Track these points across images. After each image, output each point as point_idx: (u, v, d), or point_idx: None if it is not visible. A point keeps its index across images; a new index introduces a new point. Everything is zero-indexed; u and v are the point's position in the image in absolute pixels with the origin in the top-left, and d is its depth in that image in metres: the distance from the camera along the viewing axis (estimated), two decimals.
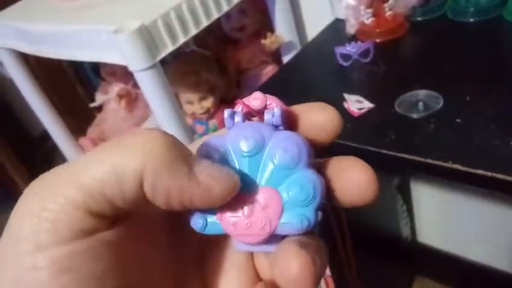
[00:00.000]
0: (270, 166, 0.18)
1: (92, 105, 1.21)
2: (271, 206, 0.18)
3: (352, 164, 0.19)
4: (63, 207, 0.16)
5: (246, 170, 0.19)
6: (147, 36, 0.68)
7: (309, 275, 0.17)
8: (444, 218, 1.13)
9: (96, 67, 1.25)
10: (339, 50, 0.75)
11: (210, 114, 1.00)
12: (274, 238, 0.19)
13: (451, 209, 1.09)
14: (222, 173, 0.18)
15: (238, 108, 0.20)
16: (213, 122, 1.02)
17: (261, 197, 0.18)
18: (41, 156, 1.98)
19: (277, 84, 0.78)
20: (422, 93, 0.62)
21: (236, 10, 0.96)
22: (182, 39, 0.74)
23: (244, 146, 0.19)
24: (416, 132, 0.58)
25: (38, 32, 0.84)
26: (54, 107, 1.15)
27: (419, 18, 0.79)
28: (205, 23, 0.77)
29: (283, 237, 0.19)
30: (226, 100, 1.05)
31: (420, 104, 0.60)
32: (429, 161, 0.52)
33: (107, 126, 1.19)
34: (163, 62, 0.75)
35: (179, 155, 0.17)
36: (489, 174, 0.48)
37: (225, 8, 0.80)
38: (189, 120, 1.02)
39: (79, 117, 1.29)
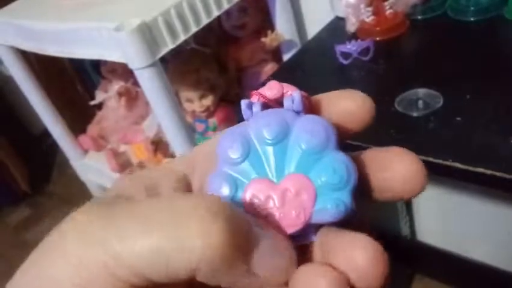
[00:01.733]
0: (298, 152, 0.17)
1: (92, 103, 1.21)
2: (304, 193, 0.17)
3: (398, 155, 0.18)
4: (96, 278, 0.14)
5: (271, 158, 0.18)
6: (147, 34, 0.68)
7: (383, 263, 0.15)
8: (443, 217, 1.13)
9: (96, 65, 1.25)
10: (340, 48, 0.75)
11: (209, 112, 1.00)
12: (309, 228, 0.17)
13: (451, 207, 1.09)
14: (281, 262, 0.16)
15: (255, 99, 0.19)
16: (212, 121, 1.02)
17: (291, 184, 0.17)
18: (41, 154, 1.98)
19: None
20: (422, 91, 0.62)
21: (236, 8, 0.95)
22: (182, 37, 0.74)
23: (268, 134, 0.18)
24: (416, 131, 0.58)
25: (38, 29, 0.84)
26: (54, 104, 1.15)
27: (420, 17, 0.79)
28: (205, 20, 0.77)
29: (318, 227, 0.18)
30: (226, 98, 1.05)
31: (420, 103, 0.60)
32: (429, 159, 0.52)
33: (107, 124, 1.19)
34: (163, 60, 0.75)
35: (240, 247, 0.14)
36: (488, 172, 0.49)
37: (225, 6, 0.80)
38: (189, 119, 1.02)
39: (79, 115, 1.29)
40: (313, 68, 0.81)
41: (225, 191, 0.17)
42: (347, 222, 0.17)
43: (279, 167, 0.18)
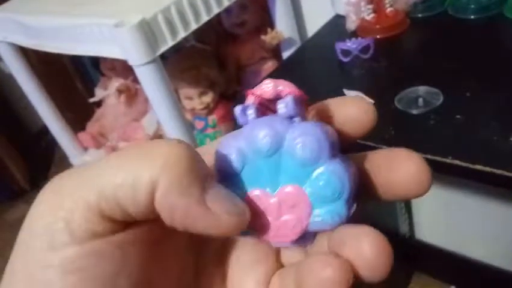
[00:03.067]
0: (291, 164, 0.18)
1: (92, 100, 1.21)
2: (299, 205, 0.18)
3: (404, 156, 0.18)
4: (79, 208, 0.16)
5: (266, 171, 0.18)
6: (148, 30, 0.68)
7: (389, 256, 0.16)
8: (443, 215, 1.13)
9: (96, 62, 1.24)
10: (340, 45, 0.75)
11: (209, 109, 1.00)
12: (306, 236, 0.18)
13: (450, 206, 1.09)
14: (234, 208, 0.17)
15: (250, 99, 0.19)
16: (212, 118, 1.02)
17: (286, 196, 0.18)
18: (40, 151, 1.98)
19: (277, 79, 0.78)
20: (422, 89, 0.62)
21: (236, 5, 0.95)
22: (182, 34, 0.74)
23: (261, 147, 0.18)
24: (416, 128, 0.58)
25: (38, 25, 0.84)
26: (54, 101, 1.15)
27: (420, 15, 0.79)
28: (205, 18, 0.77)
29: (315, 233, 0.18)
30: (226, 96, 1.05)
31: (420, 100, 0.60)
32: (429, 156, 0.52)
33: (106, 121, 1.19)
34: (163, 57, 0.75)
35: (197, 174, 0.16)
36: (488, 169, 0.49)
37: (226, 3, 0.80)
38: (188, 116, 1.02)
39: (78, 112, 1.29)
40: (314, 66, 0.81)
41: None
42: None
43: (273, 179, 0.18)
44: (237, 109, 0.19)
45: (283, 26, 0.95)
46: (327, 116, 0.20)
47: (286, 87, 0.19)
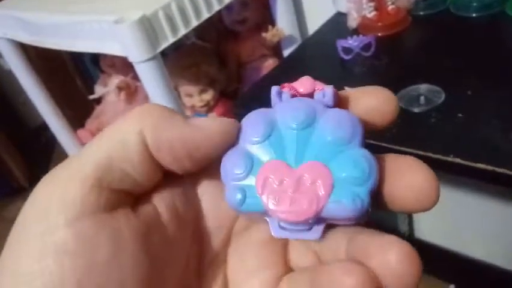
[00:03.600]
0: (321, 141, 0.17)
1: (92, 97, 1.21)
2: (320, 182, 0.16)
3: (411, 165, 0.17)
4: (74, 183, 0.16)
5: (294, 143, 0.17)
6: (148, 27, 0.68)
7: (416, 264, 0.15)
8: (443, 214, 1.13)
9: (95, 59, 1.24)
10: (341, 43, 0.74)
11: (209, 107, 1.00)
12: (318, 222, 0.17)
13: (450, 205, 1.09)
14: (217, 117, 0.18)
15: (285, 91, 0.19)
16: (212, 115, 1.01)
17: (308, 172, 0.16)
18: (39, 148, 1.97)
19: (278, 77, 0.78)
20: (423, 87, 0.62)
21: (237, 2, 0.95)
22: (183, 31, 0.73)
23: (294, 118, 0.17)
24: (417, 126, 0.58)
25: (38, 22, 0.84)
26: (53, 98, 1.14)
27: (422, 13, 0.79)
28: (206, 14, 0.77)
29: (327, 225, 0.17)
30: (226, 93, 1.04)
31: (422, 98, 0.60)
32: (430, 154, 0.52)
33: (106, 118, 1.19)
34: (163, 54, 0.74)
35: (175, 111, 0.18)
36: (490, 168, 0.48)
37: (226, 0, 0.80)
38: (188, 113, 1.01)
39: (78, 109, 1.29)
40: (315, 64, 0.81)
41: (239, 167, 0.17)
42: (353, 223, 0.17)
43: (299, 152, 0.17)
44: (273, 89, 0.19)
45: (284, 23, 0.94)
46: (347, 106, 0.19)
47: (323, 85, 0.19)
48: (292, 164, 0.17)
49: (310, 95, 0.19)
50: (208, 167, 0.19)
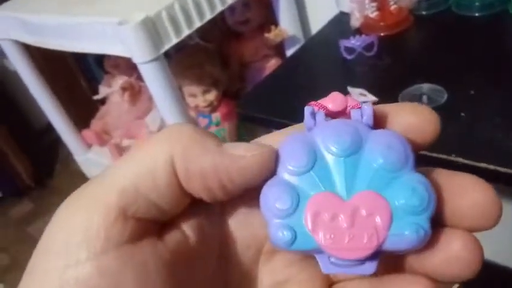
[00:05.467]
0: (372, 167, 0.15)
1: (96, 97, 1.21)
2: (378, 214, 0.15)
3: (472, 183, 0.16)
4: (98, 212, 0.14)
5: (341, 172, 0.15)
6: (151, 28, 0.68)
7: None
8: None
9: (99, 60, 1.25)
10: (344, 43, 0.75)
11: (213, 107, 1.00)
12: (376, 256, 0.15)
13: None
14: (254, 146, 0.16)
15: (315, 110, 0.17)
16: (215, 115, 1.02)
17: (363, 203, 0.15)
18: (45, 148, 1.98)
19: (281, 77, 0.78)
20: (426, 86, 0.62)
21: (240, 3, 0.95)
22: (186, 32, 0.74)
23: (339, 144, 0.15)
24: None
25: (42, 23, 0.84)
26: (58, 99, 1.15)
27: (424, 12, 0.79)
28: (209, 15, 0.77)
29: (384, 256, 0.15)
30: (229, 93, 1.05)
31: (424, 98, 0.60)
32: (433, 154, 0.52)
33: (110, 118, 1.19)
34: (167, 55, 0.75)
35: (206, 133, 0.16)
36: (492, 167, 0.48)
37: (229, 1, 0.80)
38: (192, 113, 1.02)
39: (82, 109, 1.30)
40: (317, 63, 0.81)
41: (284, 202, 0.15)
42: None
43: (349, 182, 0.15)
44: (307, 110, 0.17)
45: (286, 23, 0.95)
46: (381, 123, 0.17)
47: (355, 102, 0.17)
48: (343, 195, 0.15)
49: (342, 113, 0.17)
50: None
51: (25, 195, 1.91)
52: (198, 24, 0.75)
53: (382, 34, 0.76)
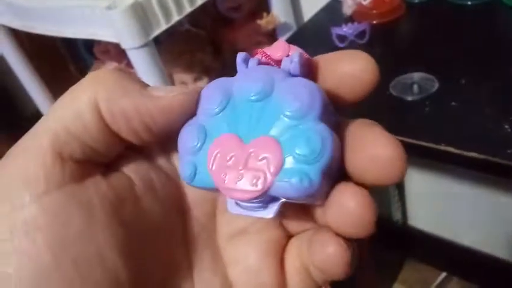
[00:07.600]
0: (276, 114, 0.16)
1: None
2: (269, 159, 0.15)
3: (375, 136, 0.15)
4: (33, 157, 0.15)
5: (248, 117, 0.16)
6: (141, 13, 0.67)
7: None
8: (436, 202, 1.14)
9: (89, 45, 1.23)
10: (336, 30, 0.74)
11: None
12: (273, 201, 0.16)
13: (443, 193, 1.09)
14: (175, 87, 0.17)
15: (258, 57, 0.18)
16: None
17: (259, 148, 0.15)
18: None
19: None
20: (417, 75, 0.61)
21: None
22: (176, 17, 0.73)
23: (250, 89, 0.16)
24: (410, 115, 0.58)
25: (29, 7, 0.82)
26: (47, 85, 1.14)
27: (416, 1, 0.78)
28: (200, 1, 0.76)
29: (280, 204, 0.16)
30: None
31: (415, 87, 0.60)
32: (422, 143, 0.52)
33: None
34: (157, 41, 0.74)
35: (130, 77, 0.17)
36: (482, 157, 0.49)
37: None
38: None
39: None
40: (309, 51, 0.79)
41: (191, 140, 0.17)
42: (312, 204, 0.17)
43: (252, 126, 0.16)
44: (239, 56, 0.17)
45: (279, 10, 0.94)
46: (320, 72, 0.17)
47: (298, 51, 0.17)
48: (244, 138, 0.16)
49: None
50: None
51: None
52: (188, 9, 0.74)
53: (374, 22, 0.76)
